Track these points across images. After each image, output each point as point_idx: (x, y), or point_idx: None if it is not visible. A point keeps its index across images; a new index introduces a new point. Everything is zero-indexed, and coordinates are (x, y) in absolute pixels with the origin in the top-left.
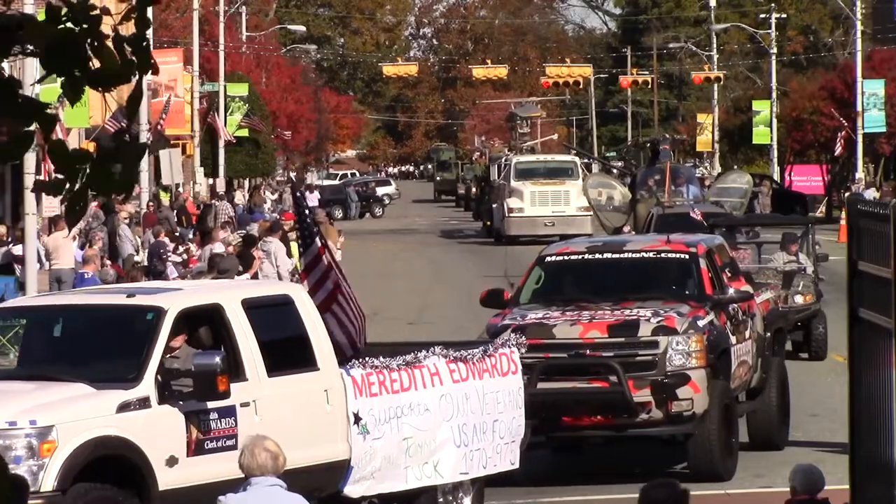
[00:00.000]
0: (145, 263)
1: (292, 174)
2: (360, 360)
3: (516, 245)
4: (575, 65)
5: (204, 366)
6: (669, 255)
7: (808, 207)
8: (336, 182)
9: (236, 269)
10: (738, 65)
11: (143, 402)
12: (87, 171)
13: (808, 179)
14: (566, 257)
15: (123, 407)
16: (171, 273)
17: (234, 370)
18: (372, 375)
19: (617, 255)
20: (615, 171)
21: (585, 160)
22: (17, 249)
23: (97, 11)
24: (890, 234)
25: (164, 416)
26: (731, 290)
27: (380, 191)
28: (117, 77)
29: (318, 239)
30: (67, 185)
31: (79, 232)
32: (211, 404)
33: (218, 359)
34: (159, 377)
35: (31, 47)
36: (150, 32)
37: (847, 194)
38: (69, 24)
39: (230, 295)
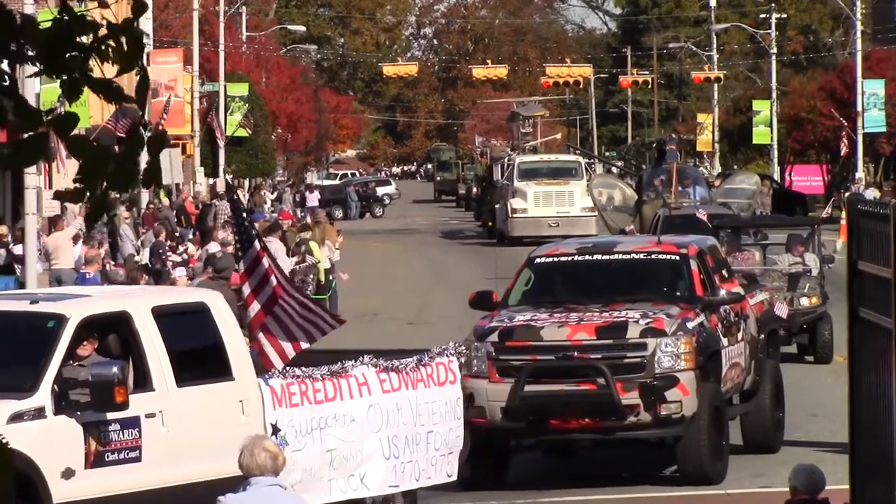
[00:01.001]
0: (145, 263)
1: (228, 177)
2: (281, 369)
3: (520, 246)
4: (575, 65)
5: (101, 376)
6: (660, 256)
7: (808, 207)
8: (336, 182)
9: (233, 268)
10: (738, 65)
11: (38, 413)
12: (110, 170)
13: (808, 179)
14: (556, 259)
15: (15, 417)
16: (177, 273)
17: (141, 380)
18: (293, 385)
19: (607, 257)
20: (614, 170)
21: (588, 160)
22: (17, 249)
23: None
24: (890, 234)
25: (61, 426)
26: (722, 292)
27: (380, 191)
28: (119, 92)
29: (256, 242)
30: (88, 193)
31: (80, 233)
32: (112, 415)
33: (115, 369)
34: (56, 387)
35: (30, 49)
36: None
37: (847, 194)
38: (69, 27)
39: (140, 302)
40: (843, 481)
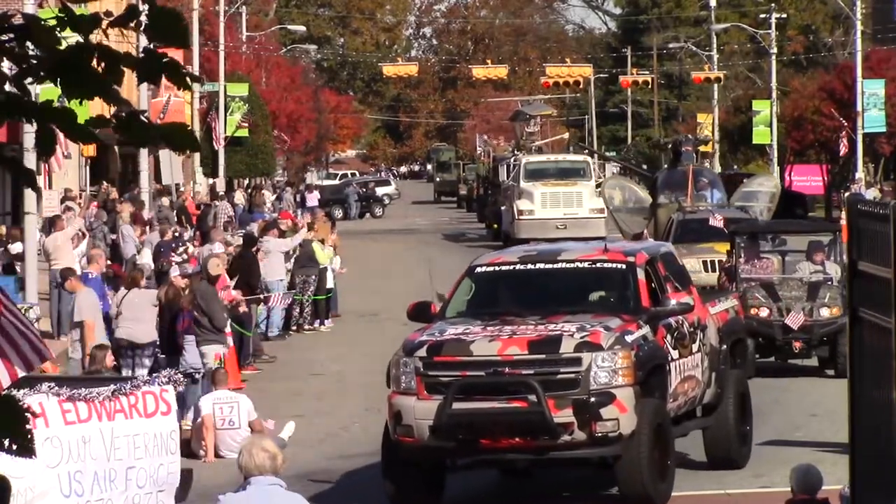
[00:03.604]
0: (144, 262)
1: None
2: None
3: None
4: (575, 65)
5: None
6: (605, 264)
7: (808, 208)
8: (336, 182)
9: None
10: (738, 65)
11: None
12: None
13: (808, 179)
14: (497, 268)
15: None
16: (176, 273)
17: None
18: None
19: (550, 266)
20: (615, 170)
21: (596, 161)
22: (16, 248)
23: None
24: (890, 234)
25: None
26: (672, 302)
27: (380, 191)
28: (116, 95)
29: None
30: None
31: (79, 233)
32: None
33: None
34: None
35: (33, 50)
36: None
37: (847, 194)
38: (75, 34)
39: None
40: (842, 481)
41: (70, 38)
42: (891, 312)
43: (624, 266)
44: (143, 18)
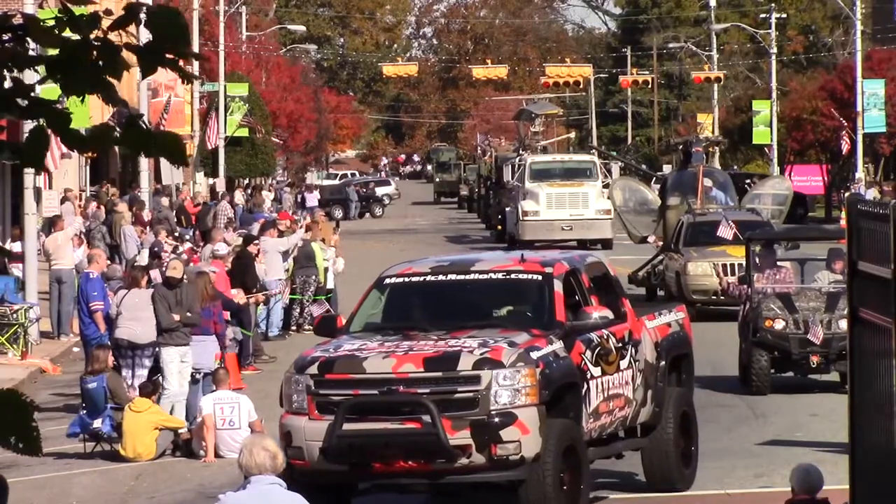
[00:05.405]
0: (142, 263)
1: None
2: None
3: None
4: (575, 65)
5: None
6: (520, 276)
7: (807, 207)
8: (336, 182)
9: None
10: (738, 65)
11: None
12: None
13: (808, 179)
14: (407, 279)
15: None
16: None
17: None
18: None
19: (462, 277)
20: (616, 170)
21: (604, 161)
22: (14, 247)
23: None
24: (890, 234)
25: None
26: (595, 315)
27: (380, 191)
28: (115, 94)
29: None
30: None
31: (79, 235)
32: None
33: None
34: None
35: (34, 49)
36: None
37: (847, 194)
38: (76, 32)
39: None
40: (842, 481)
41: (70, 38)
42: (891, 312)
43: (539, 277)
44: (143, 17)
